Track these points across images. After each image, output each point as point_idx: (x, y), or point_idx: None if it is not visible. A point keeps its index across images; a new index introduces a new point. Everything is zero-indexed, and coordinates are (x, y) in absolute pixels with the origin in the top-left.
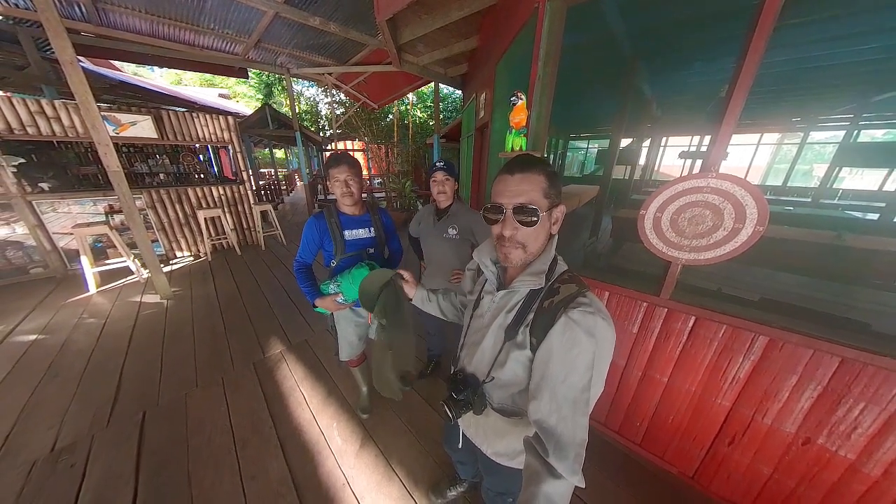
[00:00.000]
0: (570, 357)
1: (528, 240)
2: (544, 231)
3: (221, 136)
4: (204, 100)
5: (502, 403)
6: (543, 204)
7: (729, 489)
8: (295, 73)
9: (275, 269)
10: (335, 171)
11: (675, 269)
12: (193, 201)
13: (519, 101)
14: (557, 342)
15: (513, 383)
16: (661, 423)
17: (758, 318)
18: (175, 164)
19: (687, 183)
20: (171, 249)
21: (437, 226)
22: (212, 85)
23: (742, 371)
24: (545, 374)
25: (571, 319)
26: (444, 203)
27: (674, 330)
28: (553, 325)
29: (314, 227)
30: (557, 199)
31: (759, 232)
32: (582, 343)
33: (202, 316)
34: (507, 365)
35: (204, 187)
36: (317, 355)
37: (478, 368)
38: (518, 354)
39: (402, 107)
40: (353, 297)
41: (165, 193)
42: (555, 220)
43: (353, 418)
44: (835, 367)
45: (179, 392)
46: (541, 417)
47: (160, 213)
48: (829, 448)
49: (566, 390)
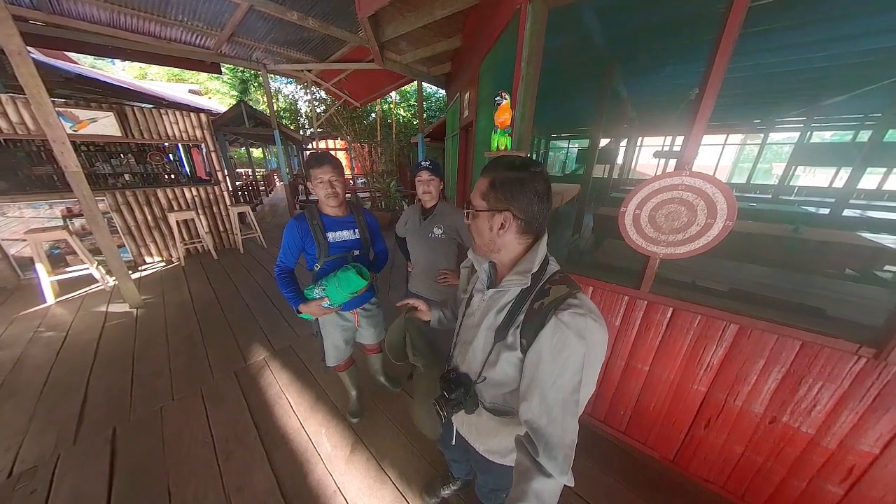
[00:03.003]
0: (560, 359)
1: (474, 234)
2: (487, 231)
3: (193, 134)
4: (173, 96)
5: (494, 403)
6: (480, 205)
7: (706, 469)
8: (272, 69)
9: (255, 273)
10: (318, 172)
11: (653, 263)
12: (164, 203)
13: (503, 100)
14: (547, 344)
15: (504, 383)
16: (643, 410)
17: (728, 307)
18: (142, 163)
19: (663, 181)
20: (140, 255)
21: (423, 225)
22: (181, 80)
23: (716, 358)
24: (535, 376)
25: (561, 321)
26: (429, 202)
27: (653, 321)
28: (543, 328)
29: (295, 230)
30: (499, 205)
31: (729, 227)
32: (572, 345)
33: (176, 324)
34: (498, 365)
35: (175, 188)
36: (302, 361)
37: (470, 368)
38: (509, 355)
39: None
40: (340, 301)
41: (132, 195)
42: (499, 225)
43: (343, 423)
44: (796, 351)
45: (153, 406)
46: (531, 418)
47: (126, 216)
48: (792, 425)
49: (556, 392)
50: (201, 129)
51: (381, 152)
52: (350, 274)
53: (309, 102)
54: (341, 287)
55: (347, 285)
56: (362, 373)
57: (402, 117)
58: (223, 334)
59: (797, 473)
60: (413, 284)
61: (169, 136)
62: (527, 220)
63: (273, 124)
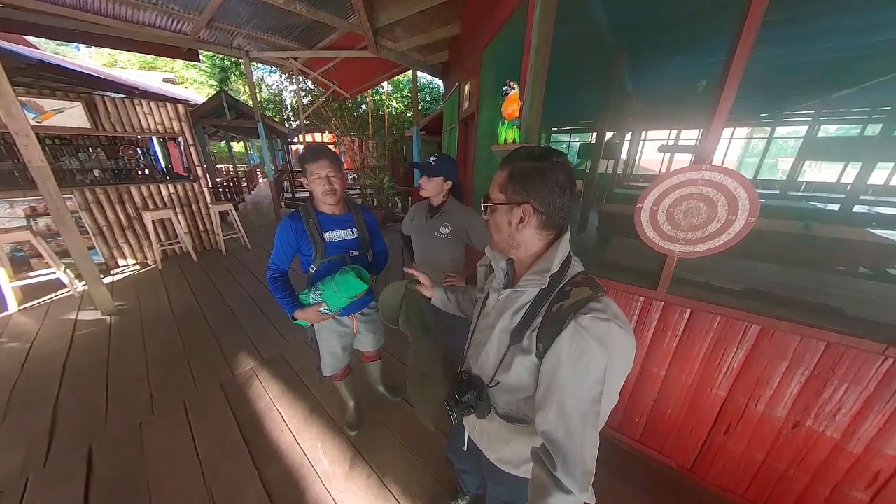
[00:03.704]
0: (579, 367)
1: (492, 229)
2: (505, 225)
3: (170, 126)
4: (147, 85)
5: (508, 409)
6: (498, 197)
7: (725, 478)
8: (255, 56)
9: (239, 276)
10: (315, 167)
11: (671, 262)
12: (138, 201)
13: (511, 90)
14: (565, 350)
15: (519, 389)
16: (659, 417)
17: (745, 306)
18: (113, 158)
19: (681, 175)
20: (113, 257)
21: (429, 224)
22: (154, 68)
23: (736, 360)
24: (552, 384)
25: (581, 326)
26: (437, 200)
27: (670, 323)
28: (561, 332)
29: (289, 230)
30: (518, 197)
31: (751, 223)
32: (592, 352)
33: (155, 332)
34: (512, 369)
35: (150, 185)
36: (294, 370)
37: (483, 370)
38: (524, 360)
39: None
40: (338, 306)
41: (103, 192)
42: (518, 219)
43: (341, 437)
44: (820, 352)
45: (132, 421)
46: (548, 430)
47: (97, 215)
48: (816, 430)
49: (574, 403)
50: (179, 120)
51: (373, 146)
52: (349, 277)
53: (295, 93)
54: (340, 291)
55: (347, 289)
56: (360, 382)
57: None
58: (206, 343)
59: (821, 480)
60: None
61: (143, 128)
62: (547, 213)
63: (256, 116)
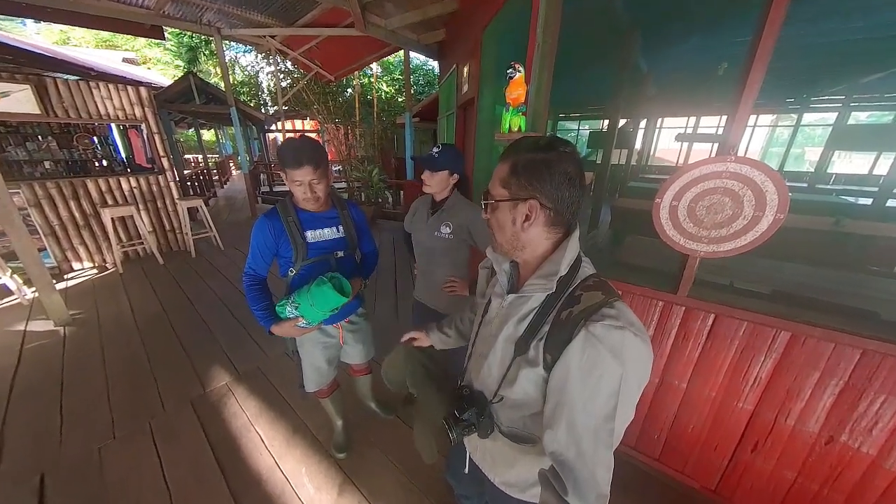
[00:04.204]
0: (591, 381)
1: (494, 229)
2: (509, 224)
3: (131, 111)
4: (104, 65)
5: (512, 427)
6: (500, 194)
7: (752, 499)
8: (227, 34)
9: (210, 280)
10: (297, 174)
11: (693, 262)
12: (95, 196)
13: (517, 73)
14: (575, 362)
15: (525, 404)
16: (680, 433)
17: (775, 312)
18: (66, 148)
19: (704, 167)
20: (67, 260)
21: (430, 221)
22: (112, 46)
23: (764, 371)
24: (561, 399)
25: (593, 335)
26: (441, 195)
27: (692, 330)
28: (571, 341)
29: (267, 230)
30: (523, 192)
31: (780, 220)
32: (605, 364)
33: (115, 345)
34: (517, 383)
35: (109, 178)
36: (274, 385)
37: (485, 385)
38: (530, 372)
39: (365, 79)
40: (317, 320)
41: (55, 187)
42: (524, 217)
43: (327, 460)
44: (856, 361)
45: (90, 446)
46: (557, 450)
47: (48, 212)
48: (852, 446)
49: (586, 420)
50: (141, 105)
51: (361, 134)
52: (325, 288)
53: (272, 75)
54: (316, 304)
55: (324, 302)
56: (348, 398)
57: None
58: (174, 356)
59: (856, 500)
60: (419, 291)
61: (100, 114)
62: (556, 208)
63: (229, 101)
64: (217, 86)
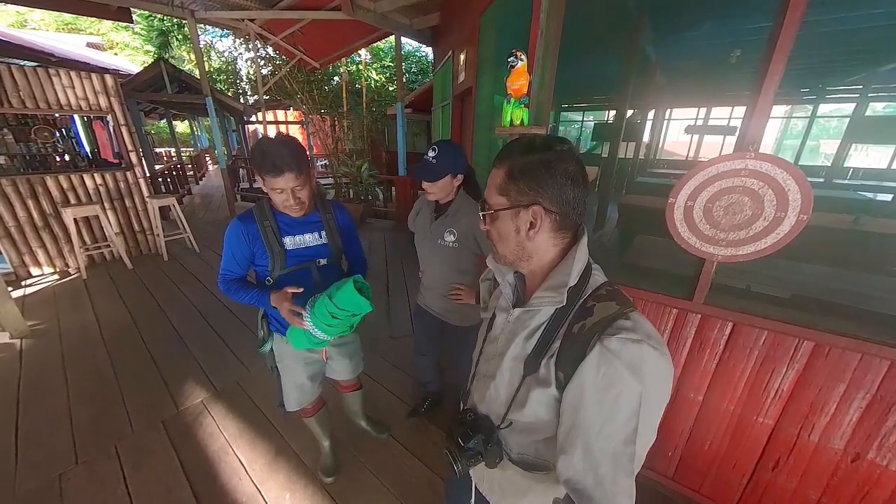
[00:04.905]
0: (608, 400)
1: (495, 240)
2: (512, 234)
3: (96, 101)
4: (66, 51)
5: (523, 453)
6: (498, 202)
7: None
8: (202, 17)
9: (185, 286)
10: (277, 182)
11: (709, 267)
12: (56, 195)
13: (519, 62)
14: (590, 380)
15: (536, 429)
16: (696, 450)
17: (794, 319)
18: (23, 142)
19: (721, 165)
20: (24, 265)
21: (433, 227)
22: (76, 30)
23: (786, 382)
24: (576, 421)
25: (608, 350)
26: (444, 199)
27: (709, 339)
28: (585, 358)
29: (241, 235)
30: (524, 199)
31: (804, 221)
32: (623, 382)
33: (79, 359)
34: (527, 406)
35: (71, 175)
36: (255, 402)
37: (491, 409)
38: (541, 394)
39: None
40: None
41: (10, 184)
42: (528, 224)
43: (314, 484)
44: (884, 372)
45: (50, 473)
46: (573, 477)
47: (3, 212)
48: (880, 463)
49: (604, 443)
50: (107, 95)
51: (348, 126)
52: (327, 304)
53: (252, 62)
54: (319, 317)
55: (352, 304)
56: (336, 416)
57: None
58: (144, 370)
59: None
60: (422, 296)
61: (61, 104)
62: (561, 211)
63: (205, 90)
64: (191, 73)
